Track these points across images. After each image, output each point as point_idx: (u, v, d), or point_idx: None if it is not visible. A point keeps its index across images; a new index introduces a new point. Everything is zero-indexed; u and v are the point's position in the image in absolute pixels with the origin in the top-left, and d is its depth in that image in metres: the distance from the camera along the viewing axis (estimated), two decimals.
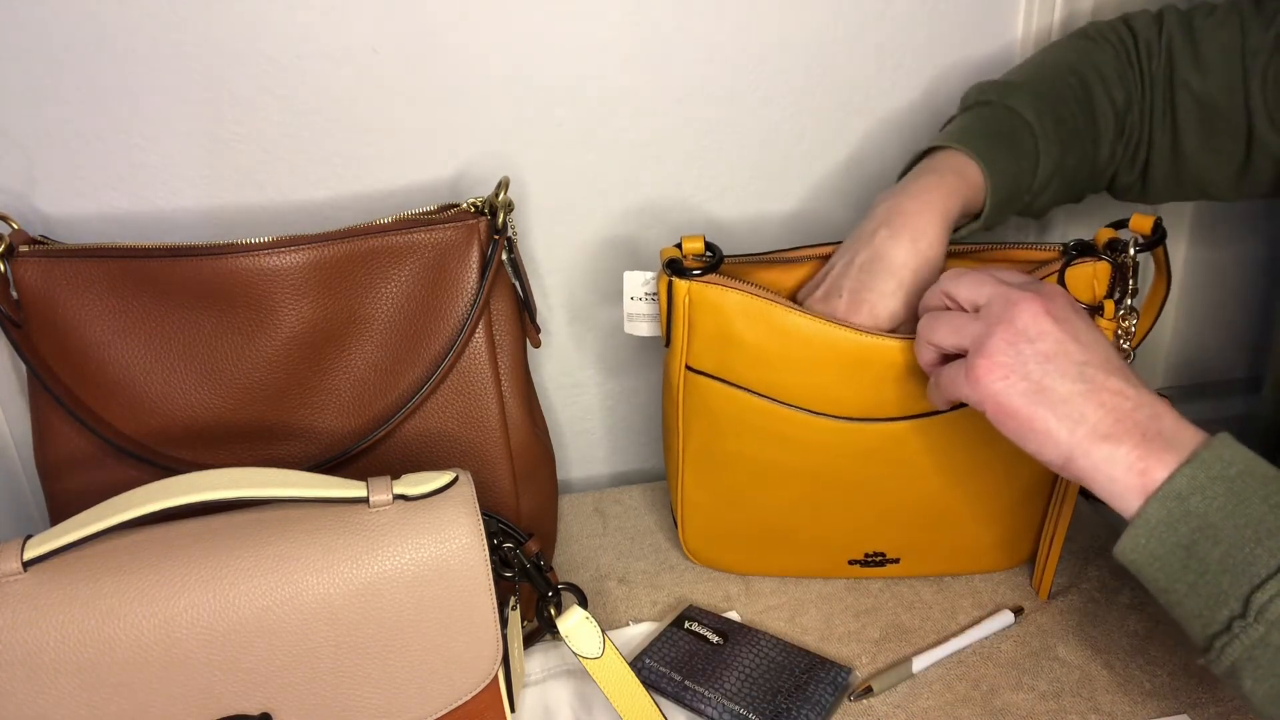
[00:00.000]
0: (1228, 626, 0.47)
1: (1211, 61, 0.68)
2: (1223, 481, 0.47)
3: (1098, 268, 0.64)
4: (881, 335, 0.63)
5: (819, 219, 0.86)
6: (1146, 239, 0.64)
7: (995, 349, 0.52)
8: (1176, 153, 0.71)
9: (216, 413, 0.65)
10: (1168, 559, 0.49)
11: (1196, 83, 0.69)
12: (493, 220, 0.66)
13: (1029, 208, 0.71)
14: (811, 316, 0.63)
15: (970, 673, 0.66)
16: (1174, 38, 0.70)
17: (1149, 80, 0.71)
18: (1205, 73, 0.69)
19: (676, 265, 0.66)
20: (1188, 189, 0.74)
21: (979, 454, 0.67)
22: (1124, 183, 0.75)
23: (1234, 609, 0.47)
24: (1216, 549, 0.47)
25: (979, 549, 0.73)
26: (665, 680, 0.65)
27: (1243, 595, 0.46)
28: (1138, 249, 0.63)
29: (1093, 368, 0.51)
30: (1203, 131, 0.70)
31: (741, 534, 0.73)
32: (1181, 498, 0.48)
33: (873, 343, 0.63)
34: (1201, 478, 0.48)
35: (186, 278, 0.63)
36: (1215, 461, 0.48)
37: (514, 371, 0.69)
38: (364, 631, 0.53)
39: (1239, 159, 0.70)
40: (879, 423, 0.66)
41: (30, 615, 0.49)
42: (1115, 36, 0.72)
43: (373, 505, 0.54)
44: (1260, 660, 0.46)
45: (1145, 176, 0.74)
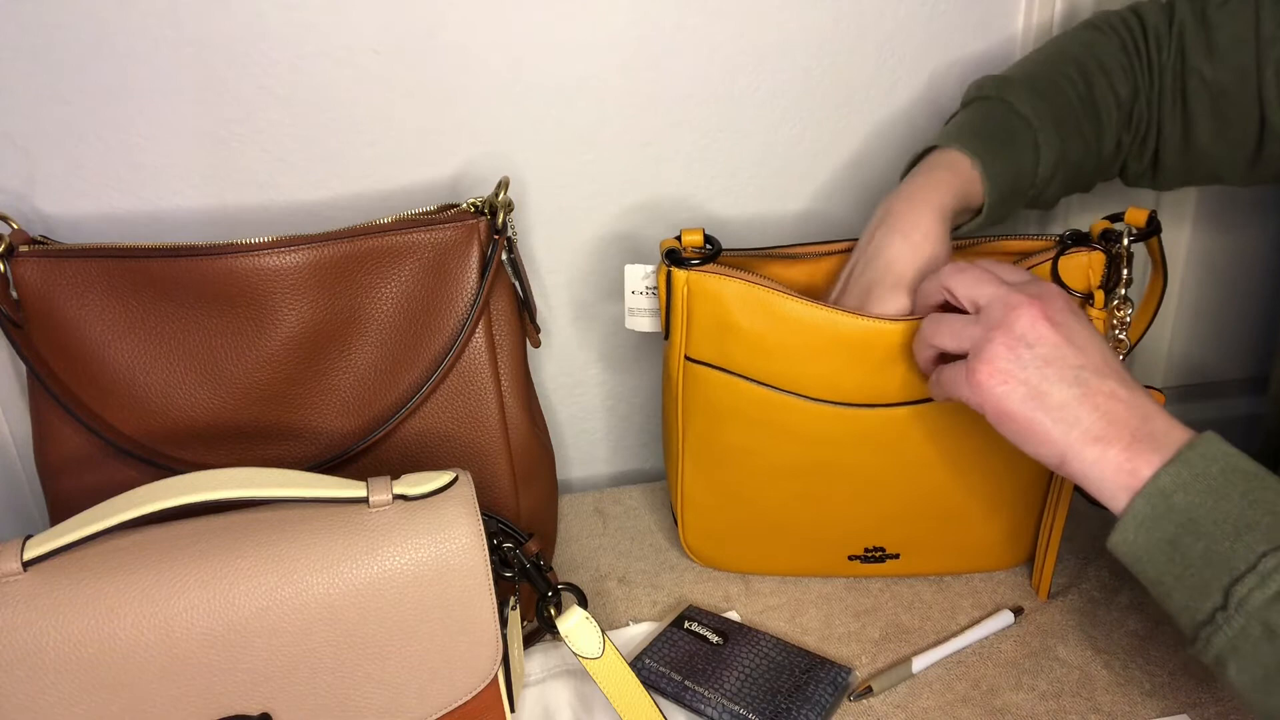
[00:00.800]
0: (1211, 618, 0.49)
1: (1224, 50, 0.68)
2: (1204, 479, 0.49)
3: (1092, 258, 0.65)
4: (881, 319, 0.63)
5: (820, 218, 0.86)
6: (1140, 230, 0.65)
7: (995, 355, 0.54)
8: (1188, 141, 0.72)
9: (216, 413, 0.65)
10: (1155, 553, 0.50)
11: (1208, 71, 0.69)
12: (493, 220, 0.66)
13: (1037, 199, 0.71)
14: (809, 303, 0.64)
15: (970, 673, 0.66)
16: (1185, 26, 0.70)
17: (1157, 70, 0.71)
18: (1217, 61, 0.69)
19: (675, 255, 0.67)
20: (1198, 176, 0.74)
21: (980, 442, 0.67)
22: (1134, 171, 0.75)
23: (1216, 601, 0.48)
24: (1199, 544, 0.49)
25: (979, 545, 0.73)
26: (665, 680, 0.65)
27: (1223, 588, 0.48)
28: (1131, 239, 0.64)
29: (1088, 371, 0.53)
30: (1214, 120, 0.70)
31: (741, 529, 0.73)
32: (1165, 494, 0.50)
33: (872, 326, 0.63)
34: (1185, 475, 0.49)
35: (186, 278, 0.63)
36: (1198, 459, 0.50)
37: (514, 371, 0.69)
38: (364, 631, 0.53)
39: (1250, 147, 0.70)
40: (879, 408, 0.66)
41: (30, 615, 0.49)
42: (1123, 26, 0.72)
43: (373, 505, 0.54)
44: (1243, 650, 0.48)
45: (1156, 165, 0.74)
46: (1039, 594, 0.72)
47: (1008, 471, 0.69)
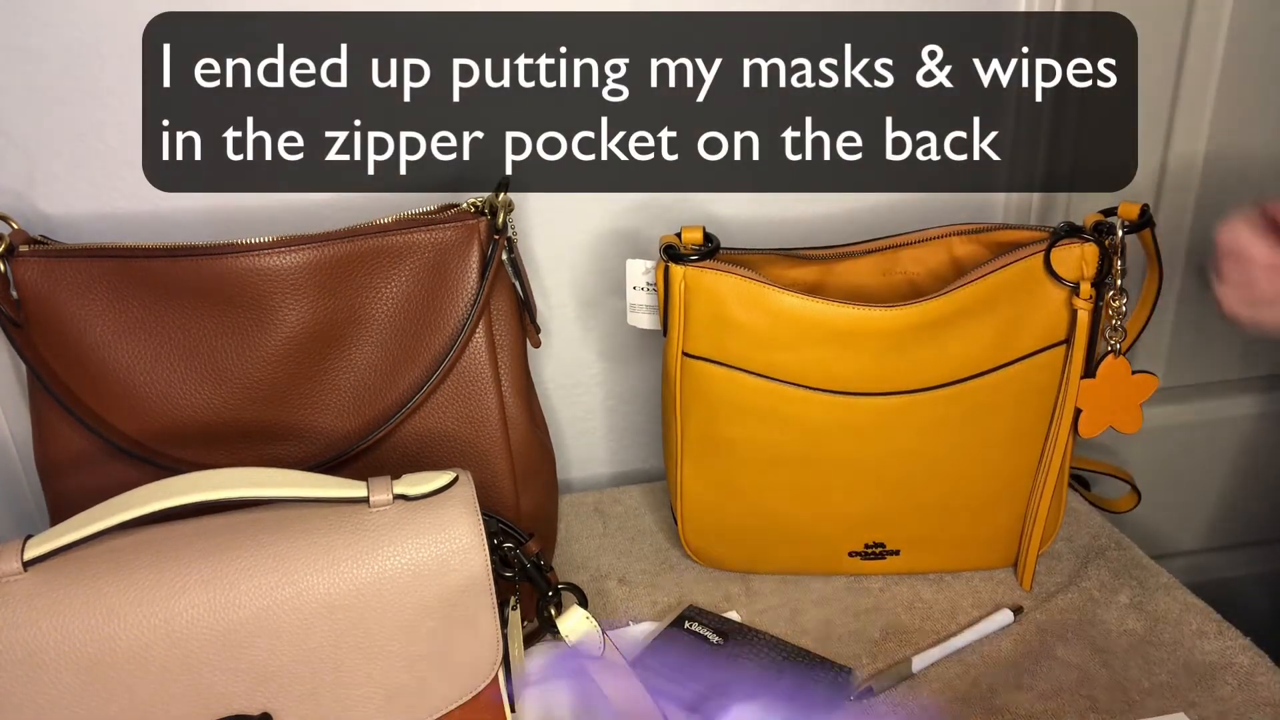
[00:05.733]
0: None
1: None
2: None
3: (1085, 249, 0.65)
4: (873, 308, 0.64)
5: (821, 219, 0.86)
6: (1133, 223, 0.66)
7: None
8: None
9: (216, 413, 0.65)
10: None
11: None
12: (493, 220, 0.66)
13: None
14: (805, 298, 0.65)
15: (970, 673, 0.66)
16: None
17: None
18: None
19: (673, 251, 0.67)
20: None
21: (978, 432, 0.68)
22: None
23: None
24: None
25: (978, 542, 0.73)
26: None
27: None
28: (1124, 231, 0.65)
29: None
30: None
31: (741, 527, 0.74)
32: None
33: (867, 315, 0.65)
34: None
35: (186, 278, 0.63)
36: None
37: (514, 371, 0.69)
38: (364, 631, 0.53)
39: None
40: (877, 397, 0.67)
41: (30, 615, 0.49)
42: None
43: (373, 505, 0.54)
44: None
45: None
46: (1022, 583, 0.73)
47: (1005, 459, 0.70)
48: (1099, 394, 0.68)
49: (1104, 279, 0.66)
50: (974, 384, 0.67)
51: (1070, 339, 0.67)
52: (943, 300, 0.65)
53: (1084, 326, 0.66)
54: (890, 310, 0.65)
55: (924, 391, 0.67)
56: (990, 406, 0.68)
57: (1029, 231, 0.69)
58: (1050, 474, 0.70)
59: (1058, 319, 0.67)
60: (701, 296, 0.67)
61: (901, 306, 0.65)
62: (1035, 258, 0.66)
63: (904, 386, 0.67)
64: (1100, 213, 0.67)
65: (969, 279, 0.66)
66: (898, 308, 0.65)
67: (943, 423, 0.68)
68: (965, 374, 0.67)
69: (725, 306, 0.66)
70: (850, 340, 0.66)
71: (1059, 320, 0.67)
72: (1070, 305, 0.66)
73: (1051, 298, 0.66)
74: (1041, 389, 0.68)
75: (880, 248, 0.71)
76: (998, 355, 0.67)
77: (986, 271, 0.66)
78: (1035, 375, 0.68)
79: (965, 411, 0.68)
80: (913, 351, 0.66)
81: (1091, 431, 0.69)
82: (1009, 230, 0.70)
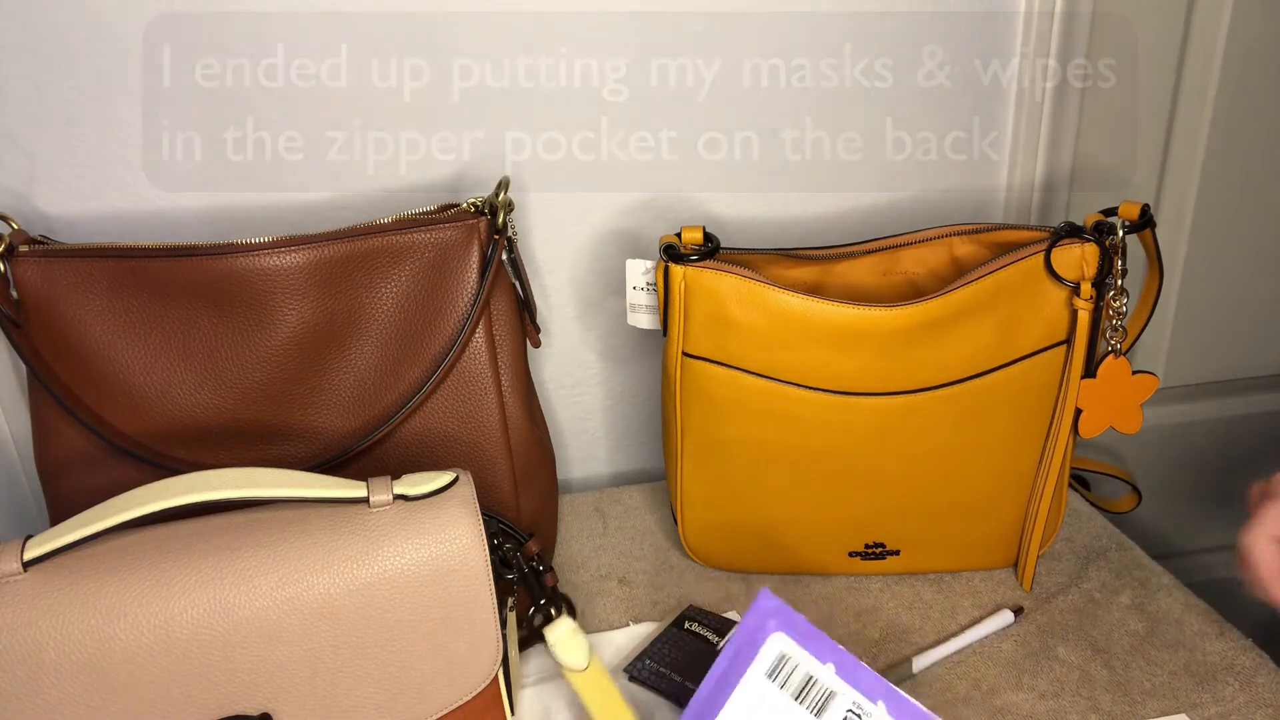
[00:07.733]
0: None
1: None
2: None
3: (1086, 249, 0.65)
4: (873, 308, 0.64)
5: (821, 219, 0.86)
6: (1133, 223, 0.66)
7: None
8: None
9: (216, 413, 0.65)
10: None
11: None
12: (493, 220, 0.66)
13: None
14: (805, 298, 0.65)
15: (970, 673, 0.66)
16: None
17: None
18: None
19: (673, 251, 0.67)
20: None
21: (978, 432, 0.68)
22: None
23: None
24: None
25: (979, 542, 0.73)
26: (665, 680, 0.65)
27: None
28: (1125, 231, 0.65)
29: None
30: None
31: (741, 527, 0.74)
32: None
33: (868, 315, 0.64)
34: None
35: (186, 278, 0.63)
36: None
37: (514, 371, 0.69)
38: (364, 632, 0.53)
39: None
40: (878, 397, 0.67)
41: (30, 615, 0.49)
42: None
43: (373, 505, 0.54)
44: None
45: None
46: (1023, 584, 0.73)
47: (1007, 460, 0.70)
48: (1099, 394, 0.68)
49: (1104, 279, 0.66)
50: (974, 384, 0.67)
51: (1071, 339, 0.67)
52: (943, 300, 0.65)
53: (1084, 326, 0.66)
54: (890, 310, 0.65)
55: (924, 391, 0.67)
56: (990, 407, 0.68)
57: (1029, 231, 0.69)
58: (1051, 474, 0.70)
59: (1058, 319, 0.67)
60: (701, 296, 0.67)
61: (902, 306, 0.65)
62: (1036, 258, 0.66)
63: (904, 386, 0.67)
64: (1100, 213, 0.67)
65: (969, 279, 0.66)
66: (898, 308, 0.65)
67: (943, 423, 0.68)
68: (966, 374, 0.67)
69: (725, 306, 0.66)
70: (850, 340, 0.66)
71: (1059, 320, 0.67)
72: (1071, 305, 0.66)
73: (1052, 298, 0.66)
74: (1042, 389, 0.68)
75: (880, 248, 0.71)
76: (998, 355, 0.67)
77: (987, 271, 0.66)
78: (1035, 375, 0.68)
79: (965, 411, 0.68)
80: (913, 351, 0.66)
81: (1092, 432, 0.69)
82: (1009, 230, 0.70)
